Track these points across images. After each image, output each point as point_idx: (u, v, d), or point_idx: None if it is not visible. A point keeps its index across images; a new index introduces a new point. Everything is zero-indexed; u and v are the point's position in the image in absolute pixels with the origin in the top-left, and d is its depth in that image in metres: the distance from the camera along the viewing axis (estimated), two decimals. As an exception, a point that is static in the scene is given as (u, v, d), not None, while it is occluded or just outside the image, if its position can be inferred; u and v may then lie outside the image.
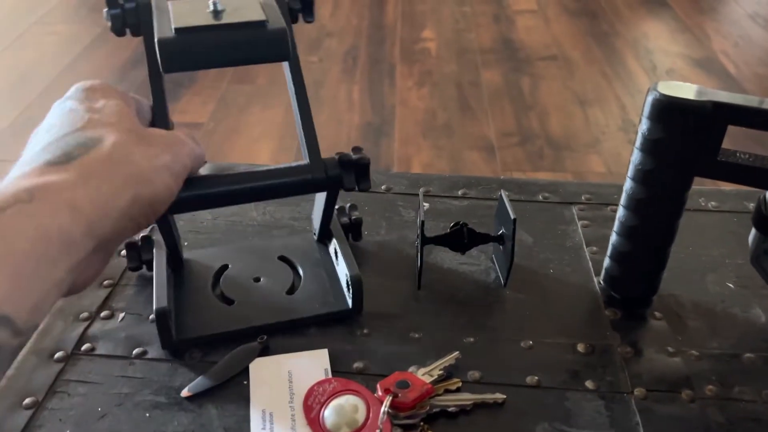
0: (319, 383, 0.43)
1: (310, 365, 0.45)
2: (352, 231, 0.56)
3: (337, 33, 2.13)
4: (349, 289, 0.49)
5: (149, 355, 0.46)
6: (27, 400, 0.42)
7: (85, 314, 0.49)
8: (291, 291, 0.50)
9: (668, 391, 0.45)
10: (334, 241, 0.52)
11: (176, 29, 0.39)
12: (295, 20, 0.46)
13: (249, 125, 1.64)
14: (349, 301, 0.49)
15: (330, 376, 0.44)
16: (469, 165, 1.48)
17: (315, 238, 0.55)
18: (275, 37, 0.40)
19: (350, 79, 1.85)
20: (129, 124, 0.36)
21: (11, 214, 0.28)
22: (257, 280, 0.51)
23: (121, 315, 0.49)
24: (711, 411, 0.43)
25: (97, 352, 0.46)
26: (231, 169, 0.46)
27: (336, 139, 1.50)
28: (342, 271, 0.50)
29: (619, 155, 1.53)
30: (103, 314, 0.49)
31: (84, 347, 0.46)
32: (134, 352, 0.46)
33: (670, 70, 1.90)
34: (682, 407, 0.44)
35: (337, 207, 0.54)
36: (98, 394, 0.43)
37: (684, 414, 0.43)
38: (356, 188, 0.46)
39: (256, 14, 0.40)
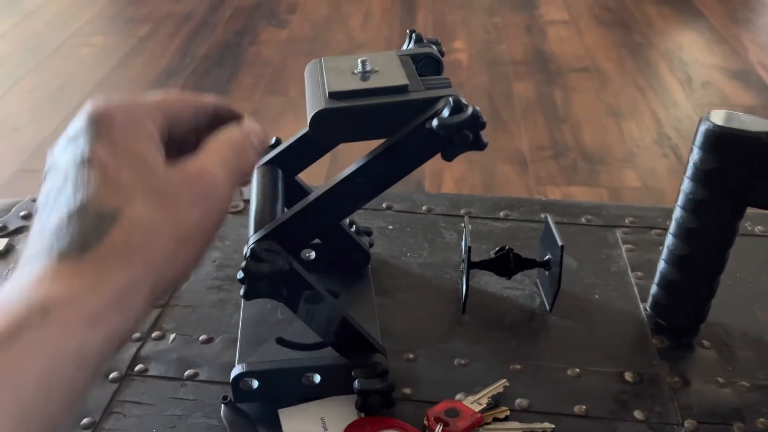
0: (356, 422, 0.43)
1: (343, 409, 0.44)
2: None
3: (368, 44, 2.15)
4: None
5: (201, 377, 0.47)
6: (84, 421, 0.44)
7: (137, 335, 0.50)
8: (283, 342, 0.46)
9: (720, 423, 0.44)
10: None
11: (330, 93, 0.39)
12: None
13: (282, 137, 1.66)
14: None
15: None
16: (501, 178, 1.48)
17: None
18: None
19: (381, 90, 1.85)
20: (151, 179, 0.30)
21: (22, 345, 0.24)
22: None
23: (172, 336, 0.50)
24: (764, 445, 0.43)
25: (150, 373, 0.47)
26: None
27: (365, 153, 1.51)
28: None
29: (655, 169, 1.51)
30: (154, 335, 0.50)
31: (137, 368, 0.47)
32: (186, 373, 0.47)
33: (706, 83, 1.87)
34: (735, 440, 0.43)
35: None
36: (152, 415, 0.44)
37: (736, 447, 0.43)
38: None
39: (400, 78, 0.40)
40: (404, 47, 0.47)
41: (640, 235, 0.61)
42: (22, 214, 0.56)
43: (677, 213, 0.47)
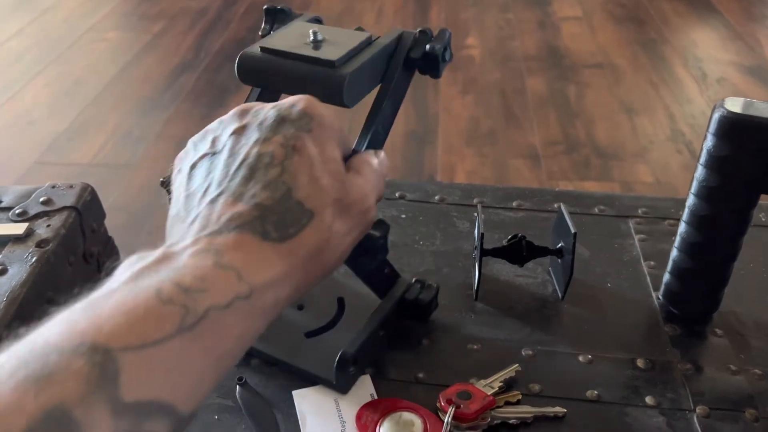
0: (369, 404, 0.44)
1: (356, 391, 0.45)
2: (415, 311, 0.50)
3: (381, 40, 2.15)
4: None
5: (216, 360, 0.48)
6: (102, 400, 0.44)
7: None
8: (312, 334, 0.48)
9: (731, 409, 0.44)
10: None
11: (261, 48, 0.41)
12: (423, 72, 0.45)
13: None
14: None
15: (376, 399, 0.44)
16: (513, 174, 1.47)
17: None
18: (334, 81, 0.39)
19: (394, 86, 1.85)
20: (341, 190, 0.33)
21: (231, 313, 0.27)
22: (300, 308, 0.50)
23: (188, 320, 0.51)
24: (776, 431, 0.43)
25: (166, 355, 0.48)
26: None
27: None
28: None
29: (668, 165, 1.50)
30: (170, 318, 0.51)
31: (154, 350, 0.48)
32: (201, 356, 0.48)
33: (721, 79, 1.86)
34: (746, 427, 0.43)
35: (415, 279, 0.50)
36: (169, 396, 0.45)
37: (748, 433, 0.43)
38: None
39: (334, 53, 0.40)
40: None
41: (653, 225, 0.61)
42: (41, 200, 0.57)
43: (690, 200, 0.47)
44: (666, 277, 0.52)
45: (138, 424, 0.23)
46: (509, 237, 0.54)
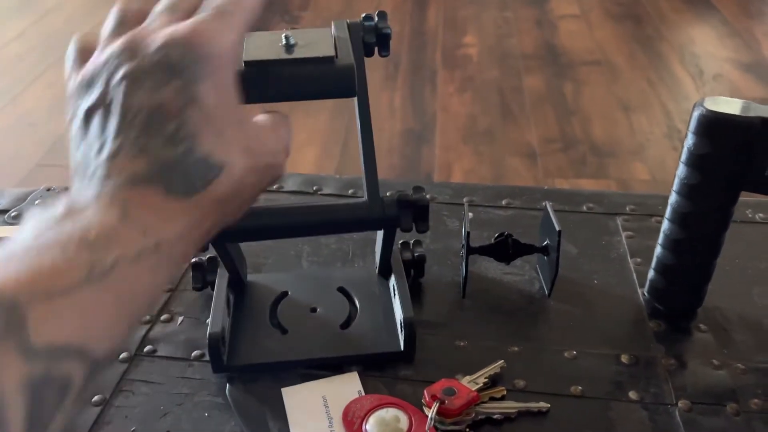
0: (356, 400, 0.44)
1: (343, 388, 0.45)
2: (415, 268, 0.55)
3: (380, 39, 2.15)
4: (402, 331, 0.48)
5: (207, 358, 0.48)
6: (96, 398, 0.45)
7: (146, 318, 0.52)
8: (345, 325, 0.50)
9: (713, 403, 0.45)
10: (393, 277, 0.51)
11: (245, 62, 0.40)
12: (370, 54, 0.47)
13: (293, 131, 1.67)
14: (401, 344, 0.48)
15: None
16: (510, 171, 1.48)
17: (377, 271, 0.54)
18: (342, 73, 0.40)
19: (392, 85, 1.87)
20: (246, 139, 0.33)
21: (141, 267, 0.29)
22: (314, 310, 0.51)
23: (180, 318, 0.52)
24: (756, 425, 0.44)
25: (159, 353, 0.49)
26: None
27: (377, 147, 1.51)
28: (398, 310, 0.49)
29: (664, 162, 1.51)
30: (163, 317, 0.52)
31: (146, 349, 0.49)
32: (193, 354, 0.49)
33: (718, 75, 1.86)
34: (727, 420, 0.44)
35: (400, 242, 0.54)
36: (160, 393, 0.46)
37: (729, 427, 0.43)
38: (413, 229, 0.46)
39: (326, 49, 0.40)
40: None
41: (641, 222, 0.62)
42: (37, 202, 0.58)
43: (673, 198, 0.48)
44: (651, 273, 0.52)
45: (51, 367, 0.24)
46: (496, 235, 0.55)
